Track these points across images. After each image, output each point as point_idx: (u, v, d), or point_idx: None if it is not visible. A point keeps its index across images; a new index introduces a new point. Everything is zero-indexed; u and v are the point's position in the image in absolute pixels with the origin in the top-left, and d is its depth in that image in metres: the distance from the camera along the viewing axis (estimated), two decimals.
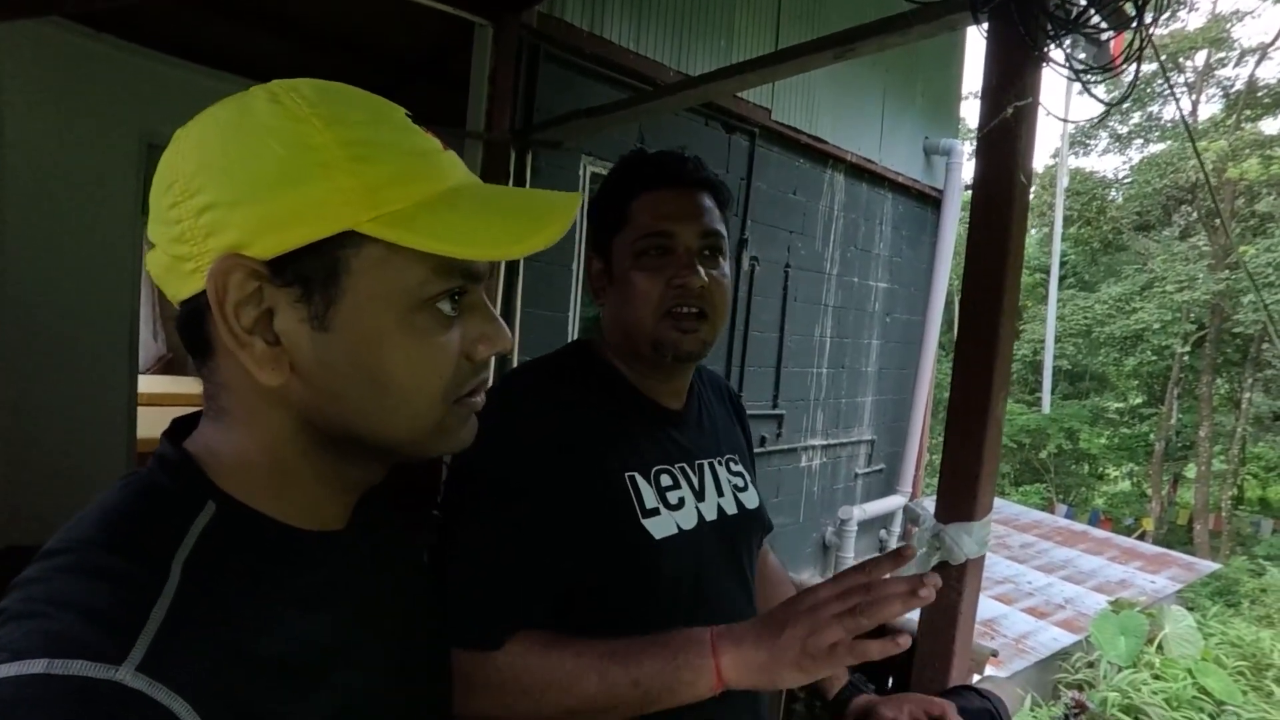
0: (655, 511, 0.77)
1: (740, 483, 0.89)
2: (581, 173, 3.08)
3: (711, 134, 3.64)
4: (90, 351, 3.14)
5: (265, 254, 0.39)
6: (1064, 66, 1.05)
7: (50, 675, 0.31)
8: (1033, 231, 16.91)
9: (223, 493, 0.43)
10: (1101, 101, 1.08)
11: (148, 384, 3.53)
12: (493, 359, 0.49)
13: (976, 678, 1.18)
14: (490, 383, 0.52)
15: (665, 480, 0.80)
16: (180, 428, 0.47)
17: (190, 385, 5.84)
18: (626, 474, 0.77)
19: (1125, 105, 12.84)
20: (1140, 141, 14.20)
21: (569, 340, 2.90)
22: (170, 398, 5.29)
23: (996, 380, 1.11)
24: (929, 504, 1.19)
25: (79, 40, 2.92)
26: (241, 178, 0.38)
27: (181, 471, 0.43)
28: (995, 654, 1.21)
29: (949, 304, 6.10)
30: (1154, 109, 13.33)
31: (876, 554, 5.32)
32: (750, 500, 0.89)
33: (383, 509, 0.57)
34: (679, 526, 0.78)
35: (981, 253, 1.11)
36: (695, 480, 0.83)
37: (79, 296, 3.08)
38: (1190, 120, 12.43)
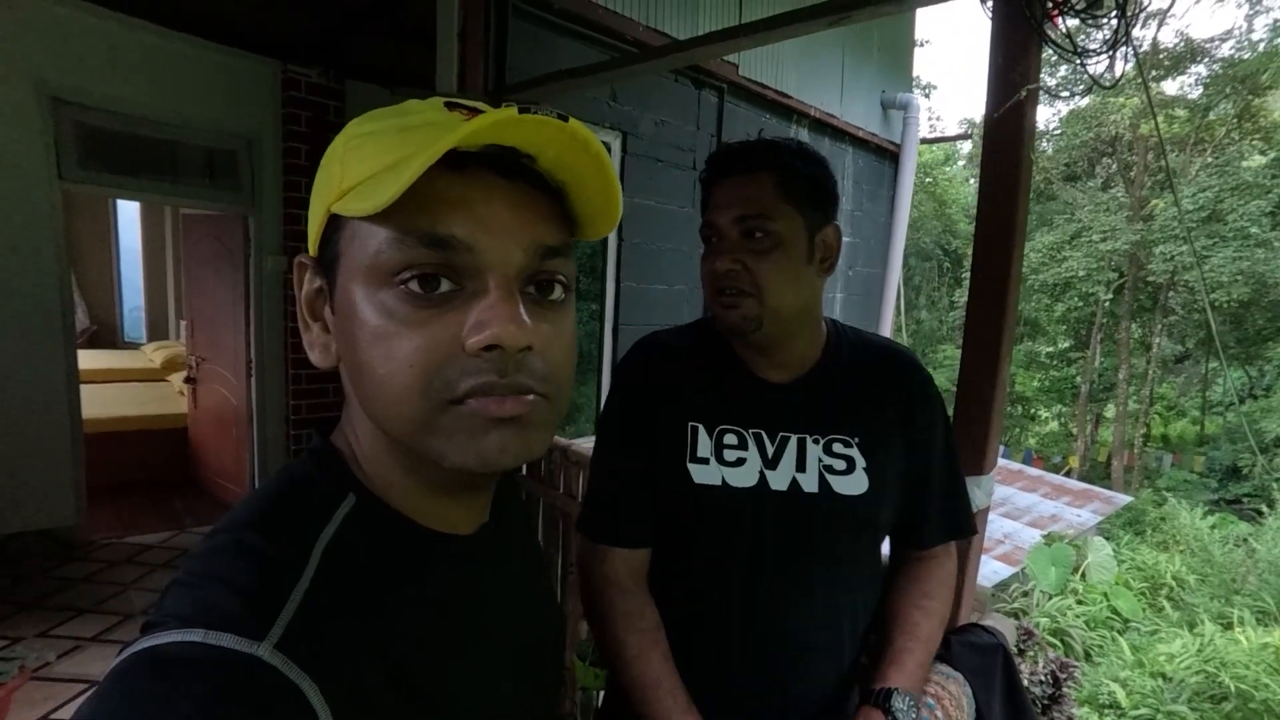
0: (704, 460, 0.85)
1: (840, 465, 0.86)
2: None
3: (681, 90, 3.59)
4: (18, 323, 2.91)
5: (313, 251, 0.45)
6: (1065, 48, 1.09)
7: (206, 643, 0.33)
8: (971, 182, 17.46)
9: (362, 486, 0.45)
10: (1099, 84, 1.14)
11: (83, 359, 3.31)
12: (534, 362, 0.41)
13: (977, 616, 1.29)
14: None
15: (729, 439, 0.86)
16: (332, 422, 0.50)
17: (128, 360, 5.54)
18: (690, 422, 0.87)
19: (1055, 60, 13.19)
20: (1067, 94, 14.66)
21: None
22: (108, 373, 5.02)
23: (1004, 344, 1.18)
24: None
25: None
26: (312, 194, 0.45)
27: (326, 462, 0.45)
28: (994, 594, 1.32)
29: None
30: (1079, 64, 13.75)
31: None
32: (845, 486, 0.86)
33: (514, 509, 0.58)
34: (725, 481, 0.85)
35: (991, 226, 1.17)
36: (771, 448, 0.87)
37: None
38: (1108, 76, 12.88)
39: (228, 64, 3.37)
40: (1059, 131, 14.48)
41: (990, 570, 6.09)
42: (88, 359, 4.92)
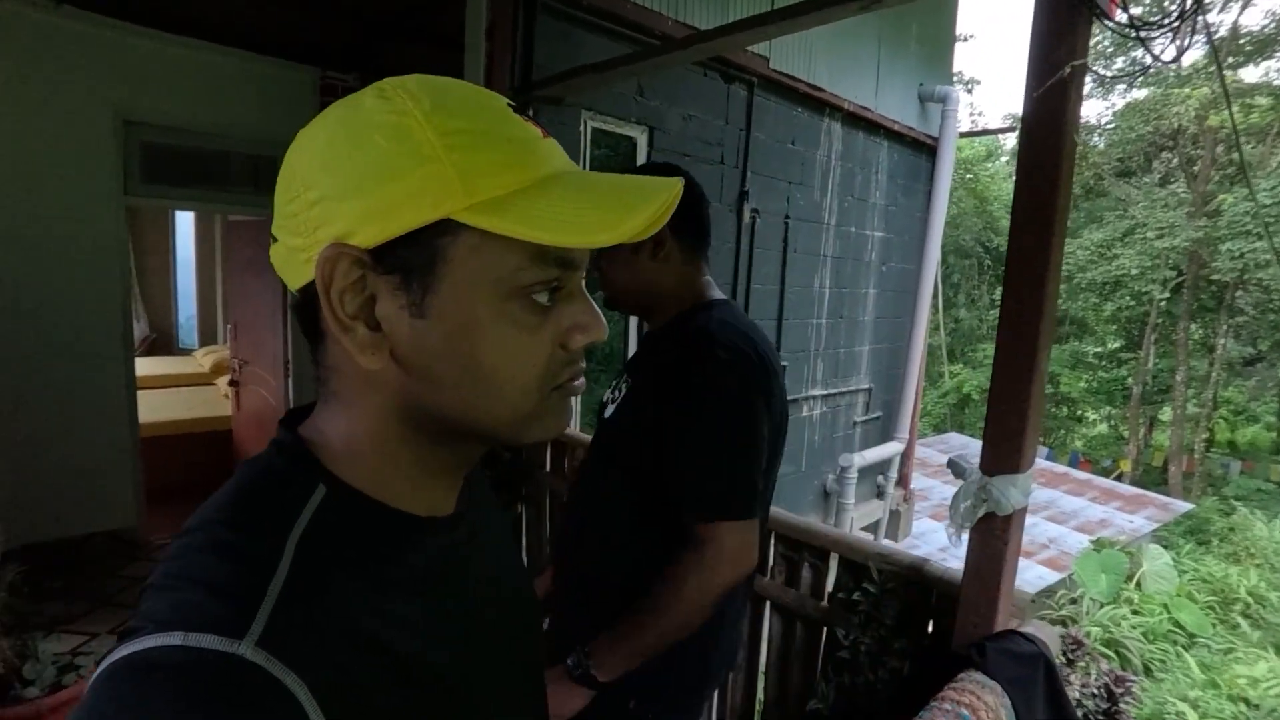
0: (604, 403, 1.20)
1: (615, 395, 1.17)
2: (582, 128, 3.01)
3: (710, 84, 3.55)
4: (84, 337, 3.06)
5: (367, 243, 0.40)
6: (1120, 24, 1.03)
7: (186, 647, 0.33)
8: (1014, 178, 16.82)
9: (332, 475, 0.44)
10: (1158, 61, 1.06)
11: (139, 367, 3.46)
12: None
13: (1015, 622, 1.23)
14: (583, 370, 0.50)
15: (613, 382, 1.21)
16: (297, 414, 0.49)
17: (180, 366, 5.75)
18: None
19: (1111, 50, 12.62)
20: (1123, 87, 14.01)
21: None
22: (161, 379, 5.21)
23: (1042, 337, 1.12)
24: (974, 457, 1.22)
25: (37, 15, 2.78)
26: (348, 171, 0.40)
27: (294, 454, 0.45)
28: (1034, 600, 1.26)
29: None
30: (1137, 54, 13.11)
31: (875, 499, 5.36)
32: (609, 412, 1.15)
33: (483, 490, 0.59)
34: (605, 414, 1.17)
35: (1029, 212, 1.11)
36: (618, 388, 1.17)
37: (68, 280, 3.00)
38: (1175, 66, 12.23)
39: (271, 73, 3.48)
40: (1112, 125, 13.85)
41: (1034, 575, 5.87)
42: (145, 366, 5.13)
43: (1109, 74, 13.14)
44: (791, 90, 3.98)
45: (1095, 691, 1.61)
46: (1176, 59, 1.04)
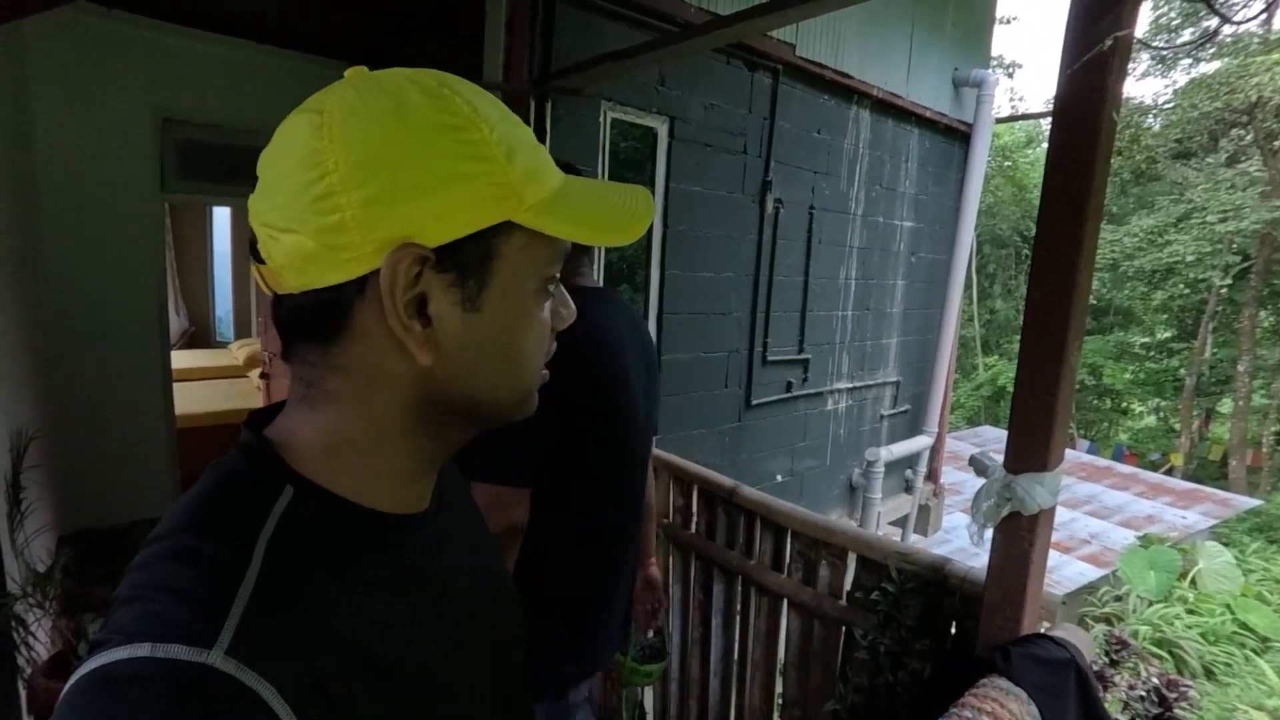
0: None
1: None
2: (602, 119, 2.98)
3: (733, 73, 3.49)
4: (124, 331, 3.16)
5: (432, 243, 0.41)
6: None
7: (155, 658, 0.32)
8: None
9: (300, 476, 0.43)
10: (1226, 19, 0.98)
11: (176, 359, 3.55)
12: None
13: (1045, 625, 1.18)
14: None
15: None
16: (260, 416, 0.48)
17: (217, 358, 5.91)
18: None
19: (1177, 23, 11.90)
20: (1188, 62, 13.15)
21: None
22: (200, 371, 5.36)
23: (1072, 330, 1.06)
24: (996, 454, 1.17)
25: (92, 20, 2.88)
26: (413, 172, 0.40)
27: (260, 456, 0.44)
28: (1064, 603, 1.20)
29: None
30: (1209, 24, 12.31)
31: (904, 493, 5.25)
32: None
33: (457, 485, 0.59)
34: None
35: (1060, 195, 1.04)
36: None
37: (110, 275, 3.09)
38: (1263, 30, 11.30)
39: (300, 69, 3.53)
40: (1171, 105, 13.01)
41: (1074, 571, 5.70)
42: (184, 359, 5.28)
43: (1167, 48, 12.34)
44: (818, 77, 3.89)
45: (1144, 695, 1.52)
46: (1267, 12, 0.96)
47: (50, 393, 2.85)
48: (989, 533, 1.16)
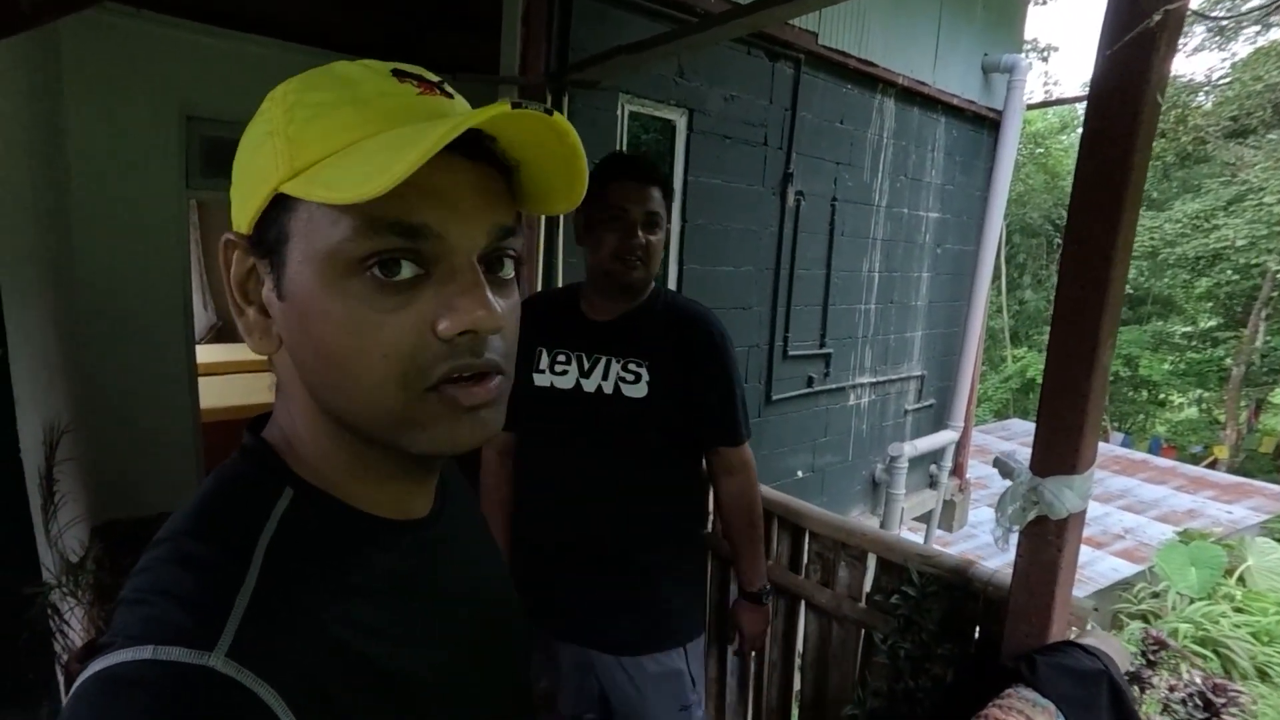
0: (543, 371, 1.32)
1: (630, 378, 1.27)
2: (620, 112, 2.95)
3: (753, 63, 3.43)
4: (150, 325, 3.23)
5: (244, 228, 0.41)
6: None
7: (156, 661, 0.32)
8: None
9: (299, 479, 0.43)
10: None
11: (204, 353, 3.62)
12: (495, 340, 0.41)
13: (1074, 632, 1.13)
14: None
15: (560, 356, 1.32)
16: (263, 420, 0.48)
17: (242, 352, 6.02)
18: (537, 346, 1.33)
19: None
20: (1253, 31, 11.70)
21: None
22: (226, 365, 5.46)
23: (1105, 327, 1.01)
24: (1023, 455, 1.13)
25: (120, 20, 2.93)
26: (236, 164, 0.42)
27: (260, 459, 0.44)
28: (1096, 608, 1.15)
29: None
30: None
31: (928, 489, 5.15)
32: (632, 391, 1.27)
33: (460, 491, 0.58)
34: (553, 384, 1.31)
35: (1095, 182, 0.99)
36: (586, 364, 1.30)
37: (136, 270, 3.15)
38: None
39: (318, 65, 3.54)
40: (1228, 80, 12.08)
41: (1108, 567, 5.55)
42: (210, 353, 5.37)
43: (1230, 16, 11.38)
44: (841, 66, 3.81)
45: (1186, 698, 1.44)
46: None
47: (80, 387, 2.92)
48: (1014, 537, 1.12)
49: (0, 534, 1.66)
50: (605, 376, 1.27)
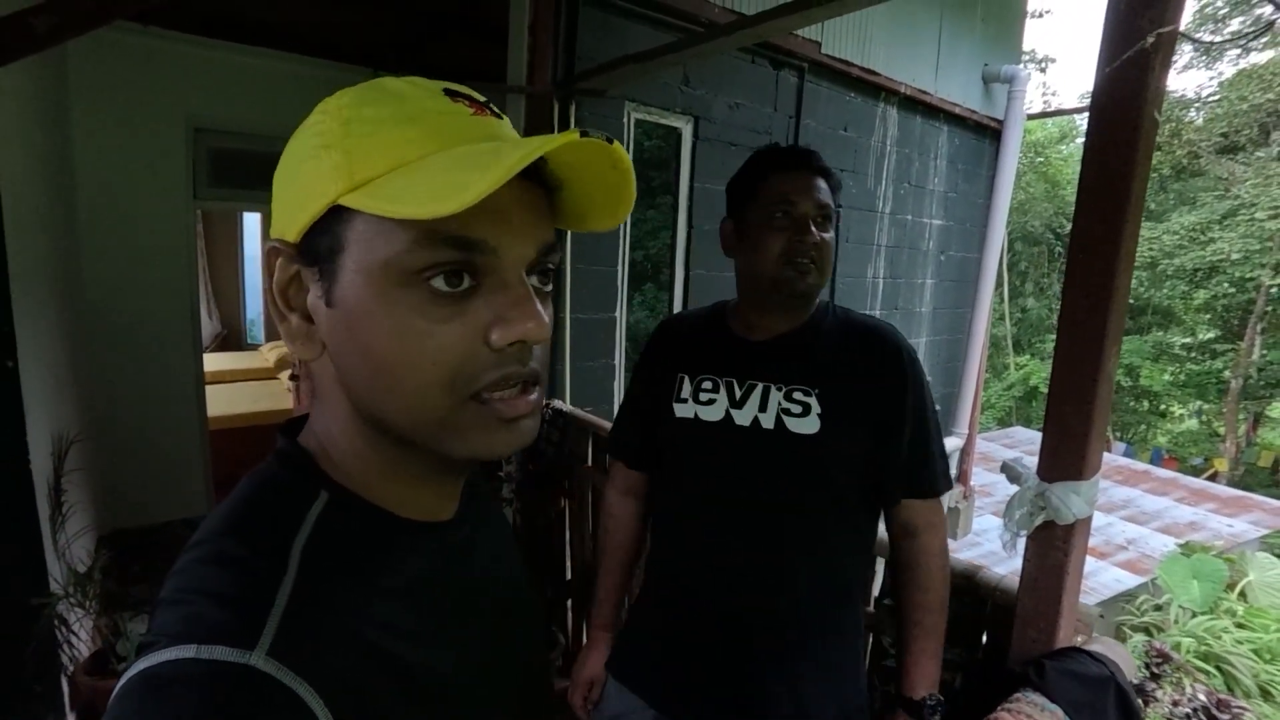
0: (685, 400, 1.10)
1: (797, 409, 1.03)
2: (626, 120, 2.98)
3: (757, 72, 3.46)
4: (158, 334, 3.26)
5: (291, 237, 0.42)
6: None
7: (199, 659, 0.33)
8: None
9: (334, 482, 0.44)
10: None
11: (208, 362, 3.64)
12: (537, 350, 0.43)
13: (1080, 639, 1.14)
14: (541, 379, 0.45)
15: (706, 384, 1.09)
16: (297, 423, 0.49)
17: (248, 360, 6.04)
18: (678, 373, 1.12)
19: (1225, 11, 11.39)
20: (1236, 53, 12.54)
21: (617, 340, 3.13)
22: (230, 374, 5.48)
23: (1110, 332, 1.02)
24: (1028, 463, 1.13)
25: (128, 37, 2.97)
26: (281, 173, 0.43)
27: (295, 463, 0.45)
28: (1102, 615, 1.16)
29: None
30: (1264, 11, 11.77)
31: None
32: (799, 426, 1.02)
33: (483, 495, 0.59)
34: (698, 415, 1.08)
35: (1097, 197, 1.01)
36: (738, 392, 1.07)
37: (144, 280, 3.17)
38: None
39: (327, 76, 3.59)
40: (1216, 97, 12.58)
41: (1111, 578, 5.52)
42: (215, 361, 5.39)
43: (1214, 41, 11.83)
44: (844, 75, 3.84)
45: (1190, 713, 1.44)
46: None
47: (88, 396, 2.94)
48: (1021, 541, 1.13)
49: (9, 545, 1.65)
50: (763, 408, 1.04)
